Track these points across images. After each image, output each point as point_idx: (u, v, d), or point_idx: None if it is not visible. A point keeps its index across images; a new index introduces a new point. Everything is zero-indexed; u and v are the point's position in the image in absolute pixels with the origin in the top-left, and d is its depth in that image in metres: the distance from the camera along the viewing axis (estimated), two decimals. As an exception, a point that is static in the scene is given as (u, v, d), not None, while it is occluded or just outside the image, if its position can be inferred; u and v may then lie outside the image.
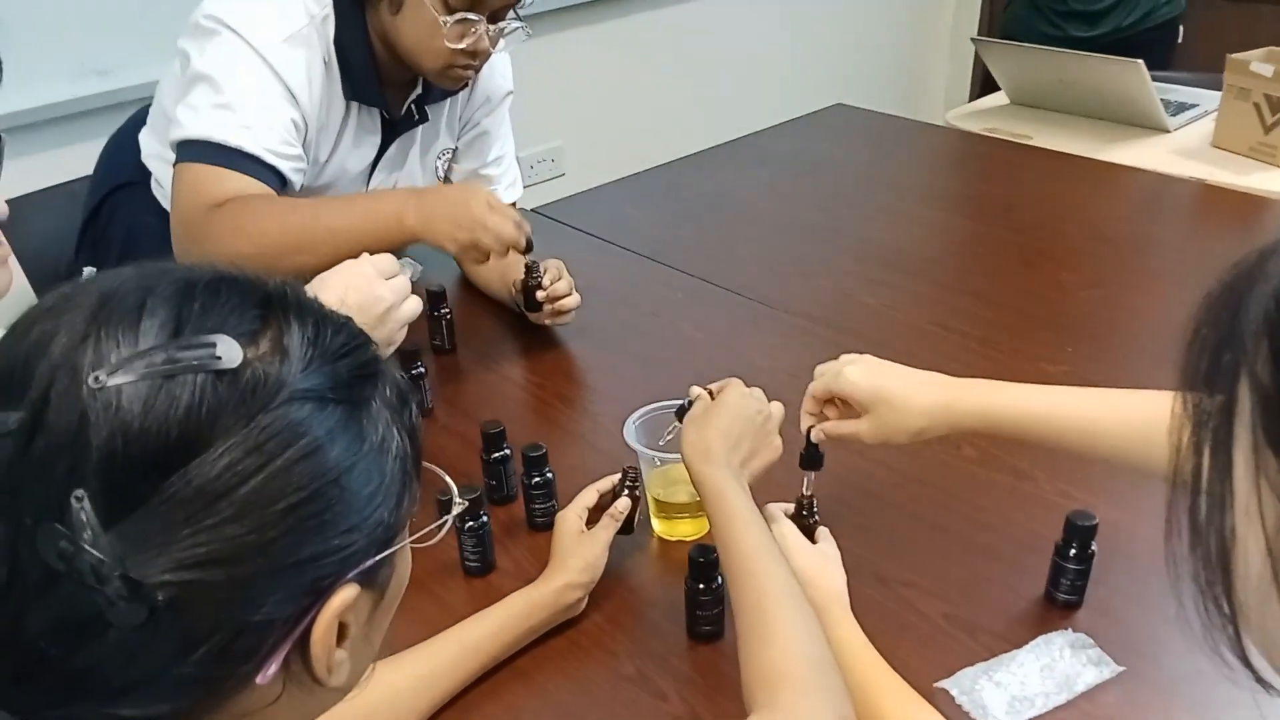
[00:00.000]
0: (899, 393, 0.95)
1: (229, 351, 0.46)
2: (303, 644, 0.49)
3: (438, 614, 0.97)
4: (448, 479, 0.64)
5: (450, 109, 1.56)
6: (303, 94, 1.31)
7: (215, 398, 0.45)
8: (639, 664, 0.95)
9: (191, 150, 1.27)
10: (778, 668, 0.73)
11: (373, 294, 1.00)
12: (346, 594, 0.49)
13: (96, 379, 0.44)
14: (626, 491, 1.02)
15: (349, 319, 0.54)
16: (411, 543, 0.56)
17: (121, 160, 1.55)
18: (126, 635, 0.44)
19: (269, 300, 0.50)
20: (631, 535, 1.04)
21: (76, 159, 1.65)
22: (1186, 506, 0.45)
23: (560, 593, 0.96)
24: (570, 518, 1.00)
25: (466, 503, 0.69)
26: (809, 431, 1.01)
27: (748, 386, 0.99)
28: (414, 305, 1.04)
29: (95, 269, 1.55)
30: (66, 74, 2.16)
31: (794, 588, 0.79)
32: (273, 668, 0.48)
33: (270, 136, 1.27)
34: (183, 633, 0.45)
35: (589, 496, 1.03)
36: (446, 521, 0.61)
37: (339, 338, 0.51)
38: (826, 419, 1.01)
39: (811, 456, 1.01)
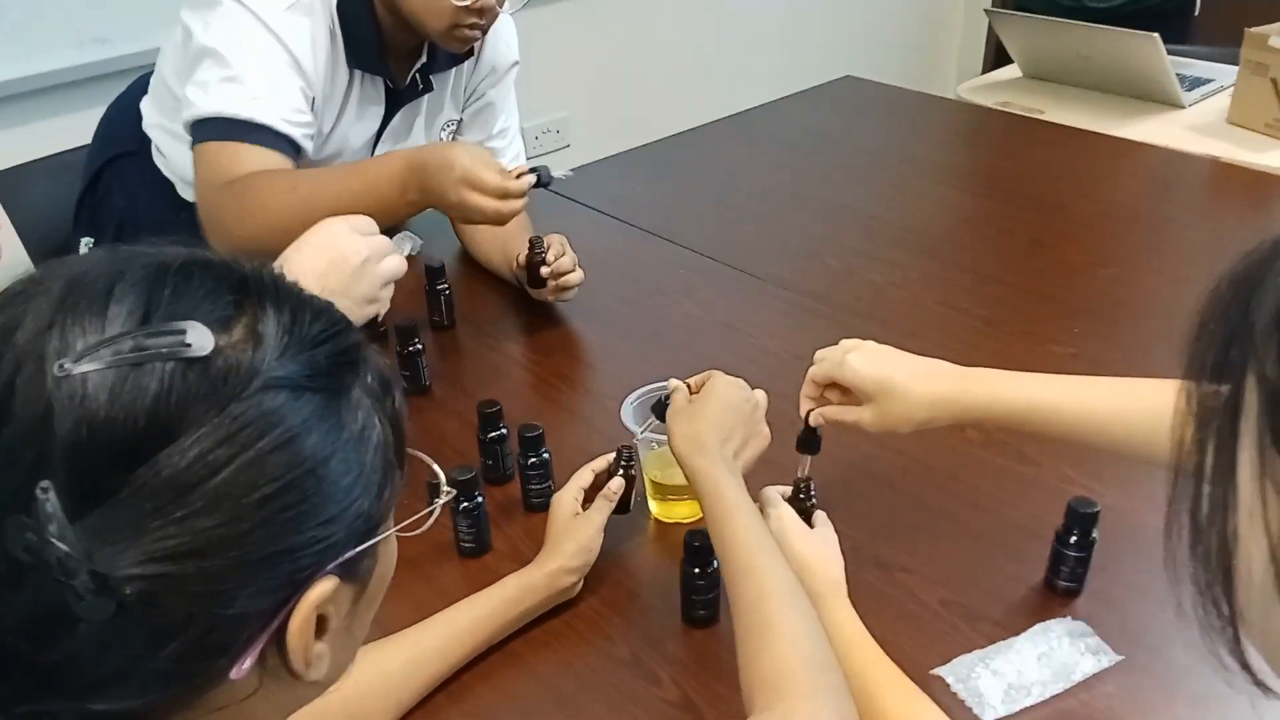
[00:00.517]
0: (903, 384, 0.93)
1: (199, 338, 0.45)
2: (280, 637, 0.48)
3: (431, 596, 0.96)
4: (435, 466, 0.63)
5: (455, 80, 1.55)
6: (307, 62, 1.30)
7: (185, 386, 0.44)
8: (633, 648, 0.94)
9: (205, 129, 1.26)
10: (778, 669, 0.72)
11: (348, 248, 0.99)
12: (325, 586, 0.48)
13: (61, 367, 0.43)
14: (621, 471, 1.01)
15: (330, 304, 0.52)
16: (397, 531, 0.55)
17: (121, 129, 1.54)
18: (96, 629, 0.43)
19: (244, 285, 0.49)
20: (628, 516, 1.03)
21: (76, 128, 1.64)
22: (1188, 505, 0.44)
23: (554, 576, 0.95)
24: (565, 500, 0.99)
25: (454, 492, 0.68)
26: (808, 415, 1.00)
27: (749, 370, 0.97)
28: (395, 263, 1.03)
29: (93, 240, 1.55)
30: (66, 42, 2.14)
31: (793, 584, 0.78)
32: (248, 662, 0.47)
33: (281, 105, 1.26)
34: (154, 627, 0.44)
35: (584, 477, 1.02)
36: (434, 510, 0.60)
37: (317, 324, 0.50)
38: (827, 403, 1.00)
39: (809, 440, 1.00)
